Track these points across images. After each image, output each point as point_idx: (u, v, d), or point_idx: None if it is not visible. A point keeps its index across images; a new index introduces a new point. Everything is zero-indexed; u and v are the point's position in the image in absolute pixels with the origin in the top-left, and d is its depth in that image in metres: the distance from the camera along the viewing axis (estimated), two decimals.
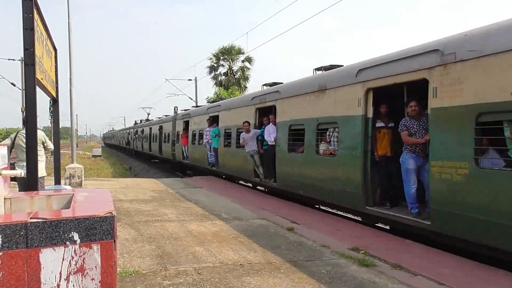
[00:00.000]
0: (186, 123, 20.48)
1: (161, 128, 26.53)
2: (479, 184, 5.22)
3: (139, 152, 37.10)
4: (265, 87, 12.41)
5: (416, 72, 6.19)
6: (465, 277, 4.73)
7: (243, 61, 36.45)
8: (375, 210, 7.16)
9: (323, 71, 9.56)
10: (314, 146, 8.89)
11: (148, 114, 39.95)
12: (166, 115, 28.00)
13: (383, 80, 6.92)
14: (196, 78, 33.35)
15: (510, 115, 4.91)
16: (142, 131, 34.48)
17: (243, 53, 35.50)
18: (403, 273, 4.87)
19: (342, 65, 9.15)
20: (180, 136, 21.17)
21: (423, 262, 5.28)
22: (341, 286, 4.43)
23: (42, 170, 7.33)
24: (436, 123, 5.88)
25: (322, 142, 8.78)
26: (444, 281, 4.57)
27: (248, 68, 36.35)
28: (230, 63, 36.51)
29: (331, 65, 9.55)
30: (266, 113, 11.68)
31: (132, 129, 42.51)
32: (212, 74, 36.76)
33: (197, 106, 24.67)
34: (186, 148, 20.18)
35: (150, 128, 30.48)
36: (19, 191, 6.49)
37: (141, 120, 39.70)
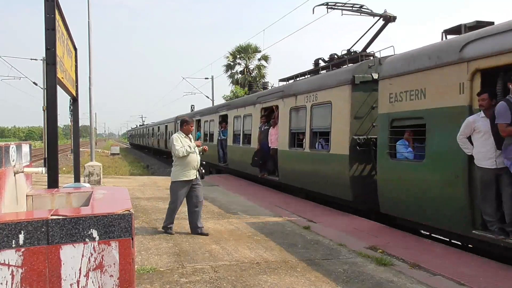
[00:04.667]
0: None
1: None
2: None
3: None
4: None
5: None
6: (487, 278, 4.63)
7: (259, 59, 36.43)
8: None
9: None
10: None
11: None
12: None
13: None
14: (212, 76, 33.51)
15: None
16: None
17: (259, 51, 35.48)
18: (422, 273, 4.80)
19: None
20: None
21: (443, 262, 5.20)
22: (358, 285, 4.39)
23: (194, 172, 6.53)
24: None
25: None
26: (464, 281, 4.48)
27: (265, 66, 36.32)
28: (246, 61, 36.52)
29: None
30: None
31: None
32: (229, 73, 36.82)
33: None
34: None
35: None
36: (180, 194, 6.46)
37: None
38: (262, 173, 12.47)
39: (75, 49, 7.73)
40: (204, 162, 6.95)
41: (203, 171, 6.78)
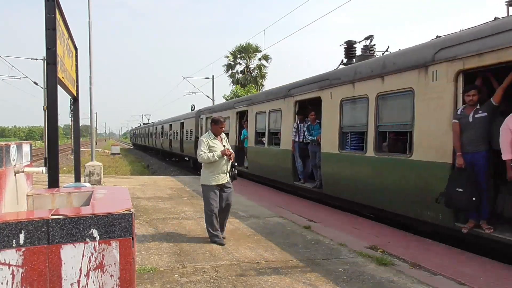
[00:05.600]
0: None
1: None
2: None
3: None
4: None
5: None
6: (488, 277, 4.63)
7: (260, 59, 36.43)
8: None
9: None
10: None
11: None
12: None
13: None
14: (213, 76, 33.52)
15: None
16: None
17: (260, 51, 35.49)
18: (422, 272, 4.80)
19: None
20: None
21: (443, 261, 5.20)
22: (359, 285, 4.39)
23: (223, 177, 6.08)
24: None
25: None
26: (465, 281, 4.48)
27: (265, 66, 36.33)
28: (247, 61, 36.54)
29: None
30: None
31: None
32: (229, 72, 36.84)
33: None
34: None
35: None
36: (229, 195, 6.12)
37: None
38: (489, 229, 5.42)
39: (76, 48, 7.72)
40: (236, 164, 6.25)
41: (236, 171, 6.23)
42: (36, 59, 26.41)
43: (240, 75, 36.47)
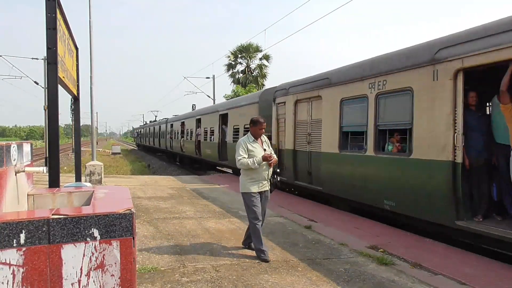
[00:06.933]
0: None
1: None
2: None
3: None
4: None
5: None
6: (488, 277, 4.62)
7: (260, 59, 36.40)
8: None
9: None
10: None
11: None
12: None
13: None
14: (214, 76, 33.52)
15: None
16: None
17: (261, 50, 35.46)
18: (423, 272, 4.79)
19: None
20: None
21: (444, 261, 5.19)
22: (360, 284, 4.39)
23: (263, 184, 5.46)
24: None
25: None
26: (466, 281, 4.48)
27: (266, 66, 36.30)
28: (248, 60, 36.51)
29: None
30: None
31: None
32: (230, 72, 36.82)
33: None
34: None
35: None
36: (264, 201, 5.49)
37: None
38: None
39: (76, 48, 7.72)
40: (278, 170, 5.75)
41: (279, 179, 5.69)
42: (36, 58, 26.43)
43: (241, 74, 36.44)
